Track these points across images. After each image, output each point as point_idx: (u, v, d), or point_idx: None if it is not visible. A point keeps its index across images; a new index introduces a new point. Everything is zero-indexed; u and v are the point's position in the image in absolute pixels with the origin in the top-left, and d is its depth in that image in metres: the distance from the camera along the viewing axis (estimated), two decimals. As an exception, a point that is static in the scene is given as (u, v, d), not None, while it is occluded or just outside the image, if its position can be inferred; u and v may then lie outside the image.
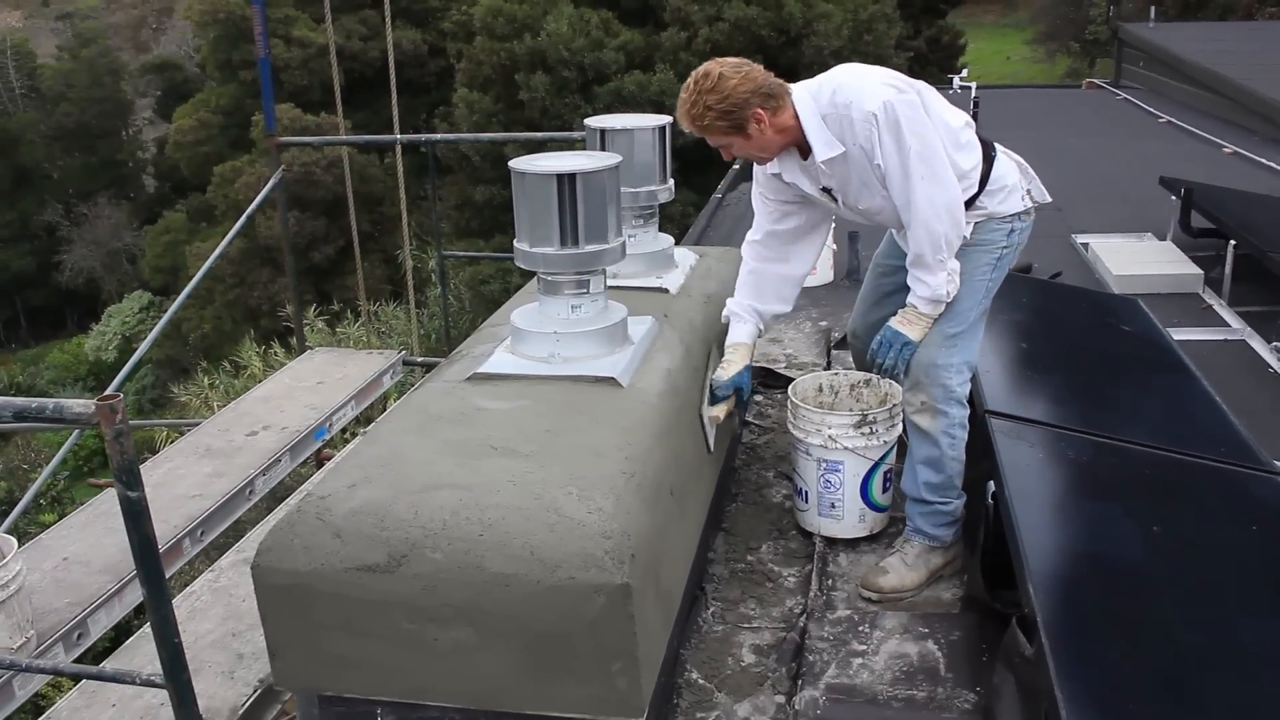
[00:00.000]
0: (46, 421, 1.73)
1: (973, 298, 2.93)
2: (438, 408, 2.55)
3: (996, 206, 2.92)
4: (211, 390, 16.50)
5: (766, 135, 2.81)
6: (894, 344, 2.93)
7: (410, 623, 2.05)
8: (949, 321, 2.91)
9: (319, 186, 24.80)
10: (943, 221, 2.77)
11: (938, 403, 2.90)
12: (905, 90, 2.77)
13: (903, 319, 2.94)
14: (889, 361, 2.93)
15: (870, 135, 2.74)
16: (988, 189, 2.90)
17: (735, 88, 2.73)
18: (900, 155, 2.73)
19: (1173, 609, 2.38)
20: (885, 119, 2.71)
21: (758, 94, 2.75)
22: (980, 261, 2.93)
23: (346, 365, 5.29)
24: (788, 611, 2.95)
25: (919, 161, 2.73)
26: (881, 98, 2.72)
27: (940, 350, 2.90)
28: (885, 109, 2.70)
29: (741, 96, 2.73)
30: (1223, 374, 4.45)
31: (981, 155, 2.90)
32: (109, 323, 32.42)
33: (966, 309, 2.92)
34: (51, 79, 40.93)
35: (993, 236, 2.93)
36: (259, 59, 5.60)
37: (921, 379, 2.92)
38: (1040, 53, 38.09)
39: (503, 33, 20.34)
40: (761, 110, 2.76)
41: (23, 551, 3.16)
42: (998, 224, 2.93)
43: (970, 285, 2.92)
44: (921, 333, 2.92)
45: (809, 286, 6.14)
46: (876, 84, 2.77)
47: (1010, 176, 2.95)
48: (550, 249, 2.63)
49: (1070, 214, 8.18)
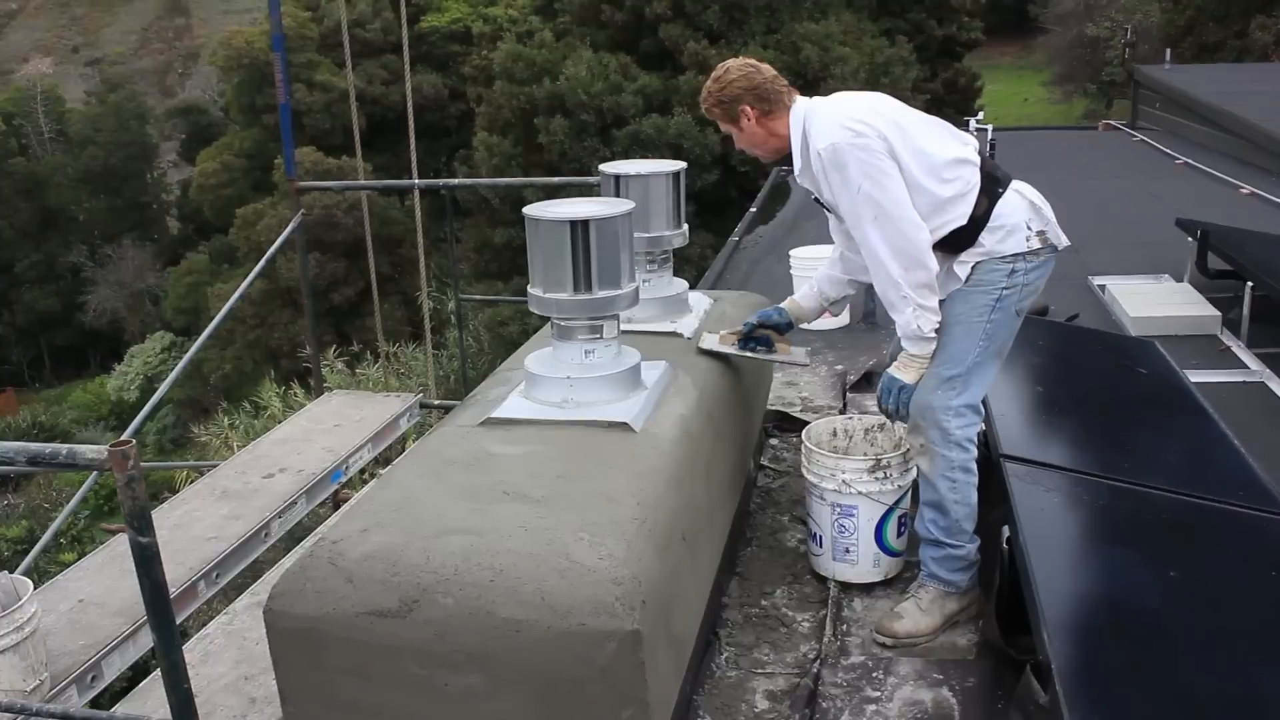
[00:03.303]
0: (60, 467, 1.75)
1: (968, 339, 2.89)
2: (451, 452, 2.56)
3: (995, 245, 2.88)
4: (232, 430, 16.57)
5: (756, 132, 3.03)
6: (891, 389, 2.97)
7: (421, 668, 2.05)
8: (944, 364, 2.90)
9: (339, 229, 25.05)
10: (898, 261, 2.80)
11: (935, 445, 2.90)
12: (863, 134, 2.80)
13: (898, 365, 2.97)
14: (890, 406, 2.98)
15: (819, 171, 2.89)
16: (989, 226, 2.87)
17: (732, 83, 3.01)
18: (848, 195, 2.83)
19: (1190, 656, 2.35)
20: (830, 160, 2.83)
21: (750, 93, 2.99)
22: (977, 304, 2.90)
23: (364, 408, 5.31)
24: (802, 657, 2.93)
25: (867, 203, 2.80)
26: (830, 139, 2.83)
27: (935, 393, 2.89)
28: (830, 151, 2.82)
29: (735, 92, 3.00)
30: (1241, 416, 4.41)
31: (979, 190, 2.87)
32: (131, 363, 32.70)
33: (962, 351, 2.89)
34: (79, 123, 41.62)
35: (991, 278, 2.89)
36: (280, 105, 5.68)
37: (918, 421, 2.92)
38: (1057, 94, 38.21)
39: (522, 77, 20.58)
40: (750, 108, 3.00)
41: (39, 593, 3.17)
42: (996, 264, 2.89)
43: (966, 327, 2.89)
44: (916, 375, 2.93)
45: (824, 330, 6.20)
46: (834, 124, 2.85)
47: (1016, 216, 2.90)
48: (564, 294, 2.66)
49: (1087, 256, 8.16)
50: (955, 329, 2.90)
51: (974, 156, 2.91)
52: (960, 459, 2.91)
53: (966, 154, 2.90)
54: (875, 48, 21.46)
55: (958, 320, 2.90)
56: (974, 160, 2.90)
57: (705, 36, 20.58)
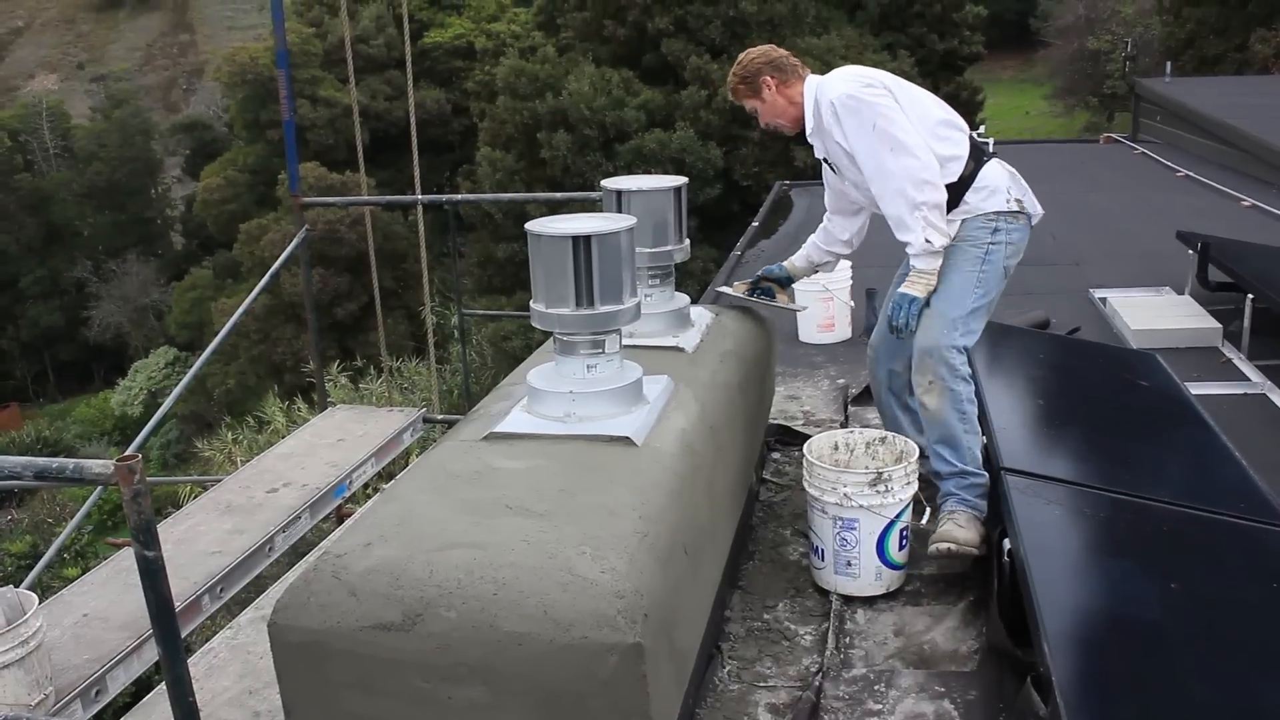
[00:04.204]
0: (66, 482, 1.76)
1: (965, 286, 3.30)
2: (454, 466, 2.58)
3: (979, 203, 3.30)
4: (235, 445, 16.60)
5: (778, 101, 3.46)
6: (903, 304, 3.32)
7: (425, 681, 2.06)
8: (944, 301, 3.30)
9: (343, 244, 25.11)
10: (911, 183, 3.17)
11: (945, 380, 3.27)
12: (872, 84, 3.29)
13: (909, 282, 3.33)
14: (902, 320, 3.31)
15: (831, 121, 3.33)
16: (974, 186, 3.29)
17: (753, 59, 3.48)
18: (863, 135, 3.25)
19: (1191, 668, 2.36)
20: (843, 106, 3.27)
21: (769, 65, 3.46)
22: (970, 255, 3.31)
23: (367, 423, 5.33)
24: (804, 670, 2.94)
25: (883, 138, 3.20)
26: (842, 90, 3.30)
27: (941, 333, 3.27)
28: (842, 99, 3.28)
29: (756, 66, 3.46)
30: (1242, 428, 4.41)
31: (968, 153, 3.29)
32: (135, 378, 32.74)
33: (960, 295, 3.29)
34: (84, 139, 41.79)
35: (976, 234, 3.31)
36: (284, 121, 5.72)
37: (926, 360, 3.29)
38: (1059, 107, 38.30)
39: (525, 92, 20.65)
40: (770, 78, 3.44)
41: (43, 607, 3.19)
42: (981, 222, 3.30)
43: (962, 275, 3.30)
44: (925, 289, 3.29)
45: (826, 344, 6.22)
46: (845, 79, 3.35)
47: (997, 180, 3.33)
48: (566, 310, 2.67)
49: (1088, 269, 8.18)
50: (953, 276, 3.30)
51: (962, 124, 3.36)
52: (966, 391, 3.31)
53: (956, 120, 3.36)
54: (877, 62, 21.51)
55: (954, 268, 3.31)
56: (963, 127, 3.35)
57: (707, 51, 20.65)
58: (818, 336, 6.34)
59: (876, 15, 25.45)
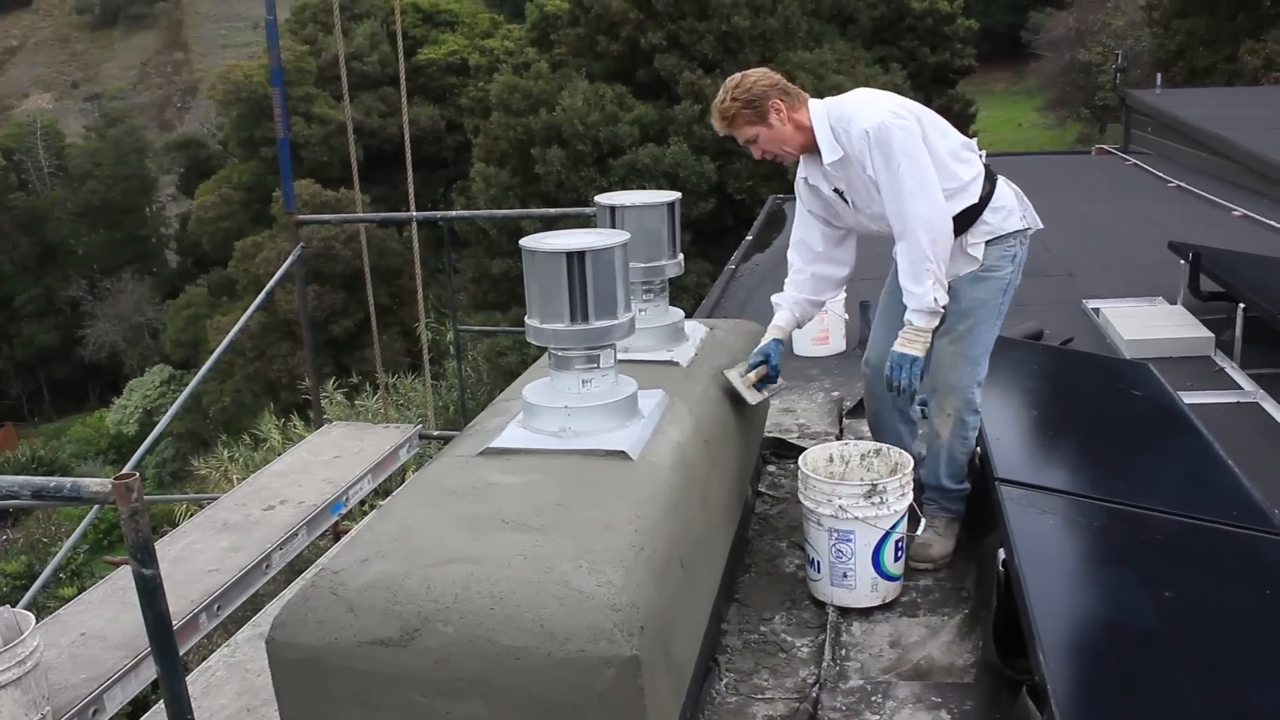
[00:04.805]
0: (64, 500, 1.77)
1: (989, 322, 3.31)
2: (450, 482, 2.59)
3: (1000, 223, 3.27)
4: (231, 463, 16.56)
5: (786, 127, 3.21)
6: (902, 365, 3.20)
7: (423, 696, 2.07)
8: (971, 345, 3.31)
9: (338, 260, 25.13)
10: (929, 233, 3.08)
11: (962, 414, 3.36)
12: (903, 116, 3.12)
13: (904, 340, 3.21)
14: (903, 381, 3.21)
15: (863, 150, 3.12)
16: (991, 206, 3.25)
17: (756, 82, 3.20)
18: (890, 171, 3.08)
19: (1186, 676, 2.37)
20: (876, 137, 3.08)
21: (775, 88, 3.20)
22: (995, 288, 3.30)
23: (363, 439, 5.34)
24: (801, 682, 2.94)
25: (909, 177, 3.07)
26: (876, 119, 3.09)
27: (965, 372, 3.32)
28: (877, 129, 3.08)
29: (762, 89, 3.19)
30: (1235, 437, 4.43)
31: (984, 173, 3.26)
32: (130, 396, 32.70)
33: (986, 333, 3.32)
34: (79, 157, 41.85)
35: (999, 264, 3.28)
36: (279, 139, 5.74)
37: (949, 396, 3.35)
38: (1051, 119, 38.42)
39: (519, 108, 20.74)
40: (780, 101, 3.18)
41: (40, 627, 3.19)
42: (1002, 250, 3.27)
43: (989, 310, 3.30)
44: (923, 348, 3.19)
45: (821, 356, 6.24)
46: (877, 108, 3.15)
47: (1009, 199, 3.32)
48: (560, 325, 2.69)
49: (1081, 280, 8.21)
50: (980, 312, 3.29)
51: (974, 144, 3.32)
52: (974, 421, 3.40)
53: (969, 141, 3.32)
54: (869, 75, 21.63)
55: (981, 304, 3.29)
56: (975, 147, 3.32)
57: (700, 66, 20.76)
58: (812, 349, 6.35)
59: (869, 29, 25.61)
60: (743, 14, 20.87)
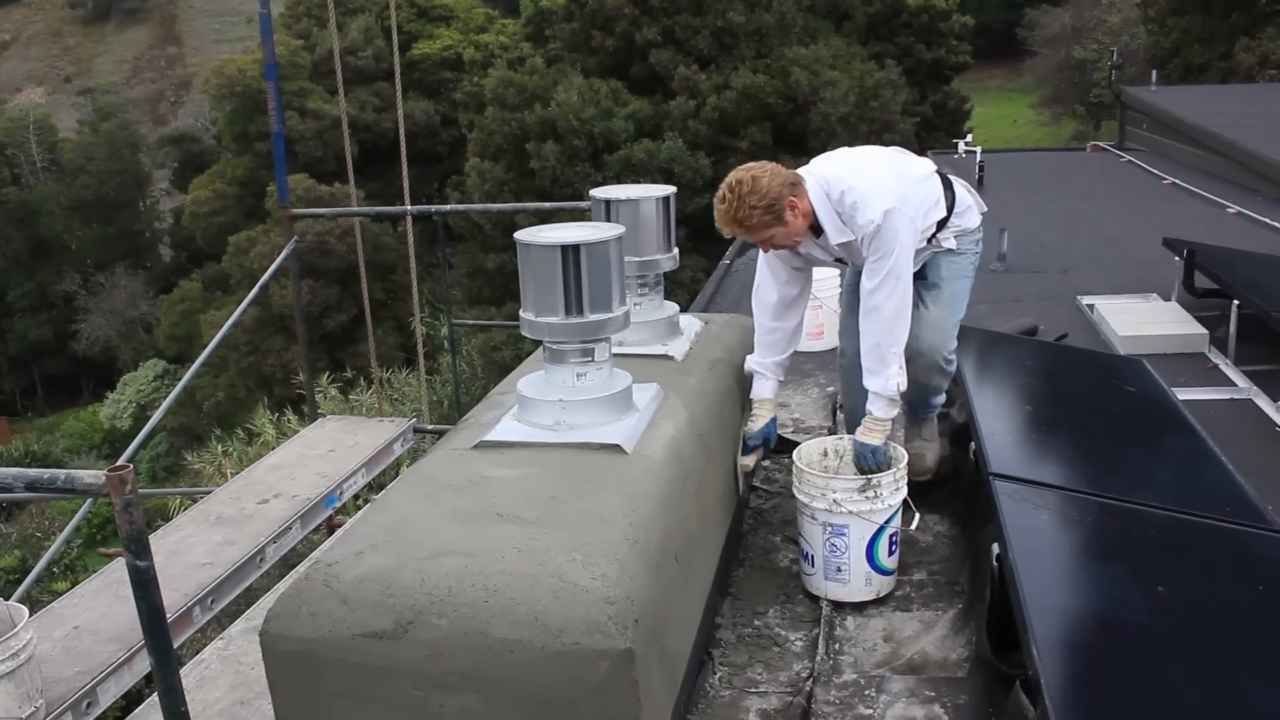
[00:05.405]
0: (58, 492, 1.77)
1: (963, 292, 3.60)
2: (445, 475, 2.59)
3: (966, 222, 3.57)
4: (225, 457, 16.55)
5: (799, 221, 3.20)
6: (867, 454, 3.31)
7: (417, 689, 2.07)
8: (953, 312, 3.57)
9: (332, 255, 25.08)
10: (898, 323, 3.25)
11: (947, 367, 3.62)
12: (901, 211, 3.20)
13: (865, 430, 3.33)
14: (871, 466, 3.29)
15: (866, 233, 3.20)
16: (955, 210, 3.52)
17: (769, 184, 3.11)
18: (880, 254, 3.20)
19: (1179, 671, 2.37)
20: (885, 224, 3.17)
21: (786, 185, 3.15)
22: (965, 263, 3.60)
23: (358, 433, 5.33)
24: (795, 676, 2.95)
25: (893, 271, 3.20)
26: (883, 208, 3.17)
27: (945, 335, 3.56)
28: (885, 216, 3.16)
29: (777, 190, 3.12)
30: (1229, 433, 4.44)
31: (945, 188, 3.51)
32: (124, 391, 32.62)
33: (960, 300, 3.60)
34: (72, 152, 41.71)
35: (967, 246, 3.60)
36: (274, 134, 5.73)
37: (935, 358, 3.56)
38: (1046, 116, 38.45)
39: (514, 103, 20.71)
40: (794, 198, 3.16)
41: (34, 620, 3.18)
42: (970, 238, 3.60)
43: (965, 282, 3.60)
44: (883, 436, 3.31)
45: (815, 351, 6.23)
46: (883, 193, 3.20)
47: (966, 199, 3.60)
48: (555, 318, 2.69)
49: (1075, 276, 8.22)
50: (957, 283, 3.57)
51: (927, 161, 3.55)
52: (952, 369, 3.68)
53: (925, 162, 3.53)
54: (865, 71, 21.62)
55: (957, 275, 3.57)
56: (929, 164, 3.54)
57: (695, 61, 20.75)
58: (807, 344, 6.32)
59: (864, 25, 25.61)
60: (738, 9, 20.85)
